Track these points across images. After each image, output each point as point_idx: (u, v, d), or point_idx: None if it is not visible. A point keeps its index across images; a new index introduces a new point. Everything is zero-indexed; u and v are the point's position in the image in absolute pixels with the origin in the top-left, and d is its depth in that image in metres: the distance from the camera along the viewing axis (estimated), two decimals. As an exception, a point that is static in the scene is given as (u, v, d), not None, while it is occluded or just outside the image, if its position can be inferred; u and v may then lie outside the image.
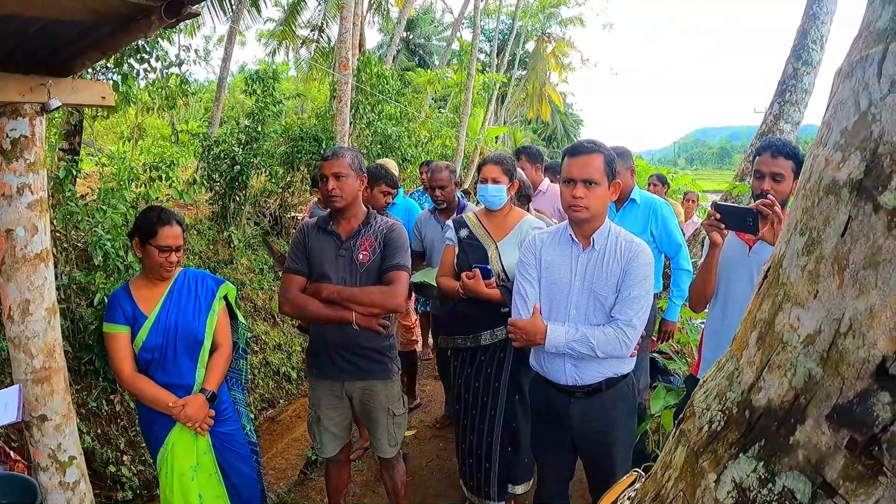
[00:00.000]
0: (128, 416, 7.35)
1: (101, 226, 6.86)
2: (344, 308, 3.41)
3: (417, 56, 37.69)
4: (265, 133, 10.37)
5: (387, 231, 3.52)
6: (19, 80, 2.71)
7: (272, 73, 11.12)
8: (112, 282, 6.89)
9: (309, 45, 26.72)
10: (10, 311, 2.78)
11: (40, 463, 3.01)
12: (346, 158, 3.45)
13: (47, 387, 2.86)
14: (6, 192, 2.70)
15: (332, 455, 3.84)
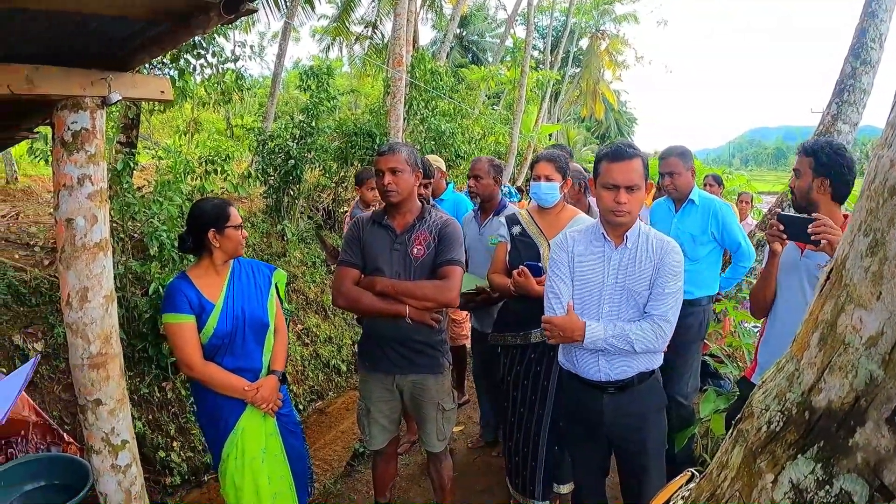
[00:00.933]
0: (178, 403, 7.50)
1: (157, 217, 7.02)
2: (397, 302, 3.43)
3: (471, 53, 37.70)
4: (319, 128, 10.47)
5: (441, 226, 3.53)
6: (81, 75, 2.79)
7: (327, 68, 11.21)
8: (167, 272, 7.03)
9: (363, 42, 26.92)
10: (68, 298, 2.87)
11: (93, 446, 3.09)
12: (403, 153, 3.47)
13: (103, 372, 2.94)
14: (67, 182, 2.79)
15: (381, 447, 3.87)
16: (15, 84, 2.59)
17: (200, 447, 7.54)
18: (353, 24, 26.00)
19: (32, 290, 7.65)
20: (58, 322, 7.36)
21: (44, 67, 2.67)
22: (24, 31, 2.39)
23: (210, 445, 3.53)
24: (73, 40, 2.59)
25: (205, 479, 7.55)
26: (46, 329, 7.28)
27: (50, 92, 2.71)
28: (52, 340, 7.20)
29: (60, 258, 2.87)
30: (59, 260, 2.88)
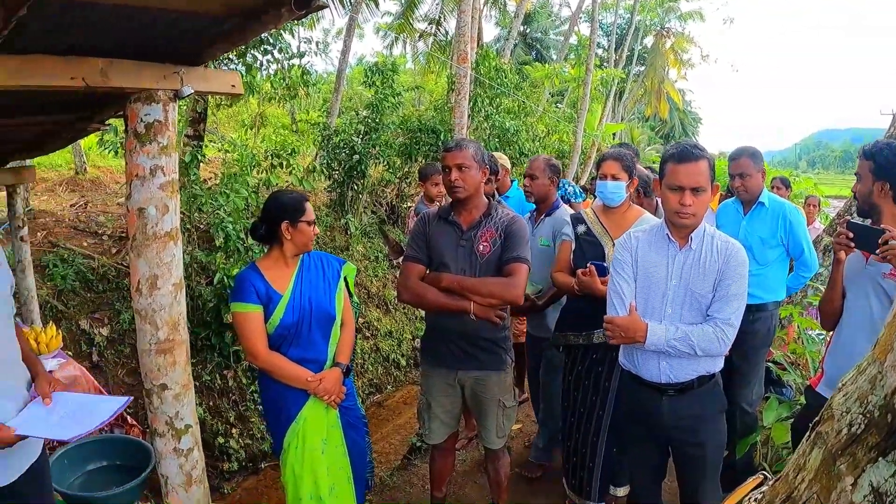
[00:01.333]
0: (239, 391, 7.66)
1: (224, 209, 7.17)
2: (462, 298, 3.44)
3: (535, 50, 37.53)
4: (384, 124, 10.56)
5: (508, 223, 3.53)
6: (154, 69, 2.86)
7: (391, 65, 11.30)
8: (232, 263, 7.18)
9: (426, 39, 26.99)
10: (138, 285, 2.95)
11: (157, 429, 3.17)
12: (470, 150, 3.48)
13: (169, 357, 3.02)
14: (139, 173, 2.87)
15: (439, 442, 3.90)
16: (90, 77, 2.67)
17: (259, 435, 7.69)
18: (416, 21, 26.11)
19: (100, 277, 7.87)
20: (124, 308, 7.58)
21: (118, 61, 2.74)
22: (100, 26, 2.45)
23: (272, 434, 3.60)
24: (146, 35, 2.65)
25: (261, 467, 7.70)
26: (112, 315, 7.49)
27: (123, 85, 2.78)
28: (117, 326, 7.41)
29: (131, 246, 2.95)
30: (130, 248, 2.96)
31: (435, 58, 24.52)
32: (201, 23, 2.64)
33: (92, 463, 3.69)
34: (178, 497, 3.25)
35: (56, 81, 2.62)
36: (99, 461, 3.71)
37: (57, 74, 2.61)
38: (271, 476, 7.61)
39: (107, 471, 3.68)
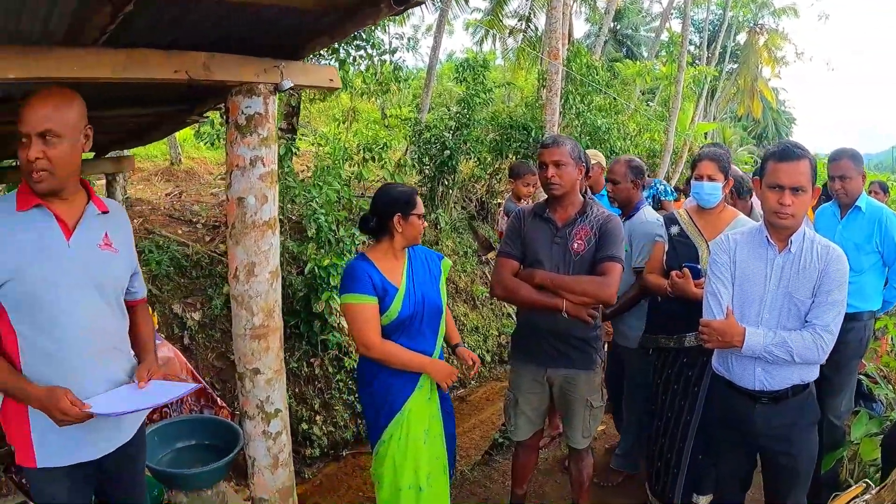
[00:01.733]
0: (325, 379, 7.81)
1: (316, 201, 7.32)
2: (555, 295, 3.43)
3: (625, 47, 36.95)
4: (475, 120, 10.58)
5: (603, 222, 3.51)
6: (254, 62, 2.94)
7: (482, 61, 11.32)
8: (322, 254, 7.32)
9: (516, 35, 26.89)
10: (236, 272, 3.04)
11: (248, 412, 3.24)
12: (567, 147, 3.48)
13: (263, 343, 3.10)
14: (240, 163, 2.95)
15: (524, 439, 3.90)
16: (193, 70, 2.76)
17: (342, 423, 7.83)
18: (506, 18, 26.02)
19: (193, 263, 8.14)
20: (215, 294, 7.82)
21: (220, 55, 2.83)
22: (201, 22, 2.54)
23: (371, 426, 3.62)
24: (246, 30, 2.72)
25: (342, 454, 7.84)
26: (205, 300, 7.74)
27: (225, 78, 2.87)
28: (209, 311, 7.66)
29: (230, 234, 3.04)
30: (229, 236, 3.05)
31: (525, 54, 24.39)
32: (301, 18, 2.70)
33: (181, 441, 3.81)
34: (263, 479, 3.33)
35: (160, 74, 2.72)
36: (188, 440, 3.83)
37: (161, 68, 2.71)
38: (351, 464, 7.75)
39: (195, 449, 3.79)
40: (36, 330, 2.26)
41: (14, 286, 2.20)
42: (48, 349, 2.27)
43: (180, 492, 3.46)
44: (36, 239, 2.24)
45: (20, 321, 2.26)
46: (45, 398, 2.18)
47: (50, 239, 2.27)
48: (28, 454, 2.34)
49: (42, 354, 2.27)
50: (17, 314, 2.26)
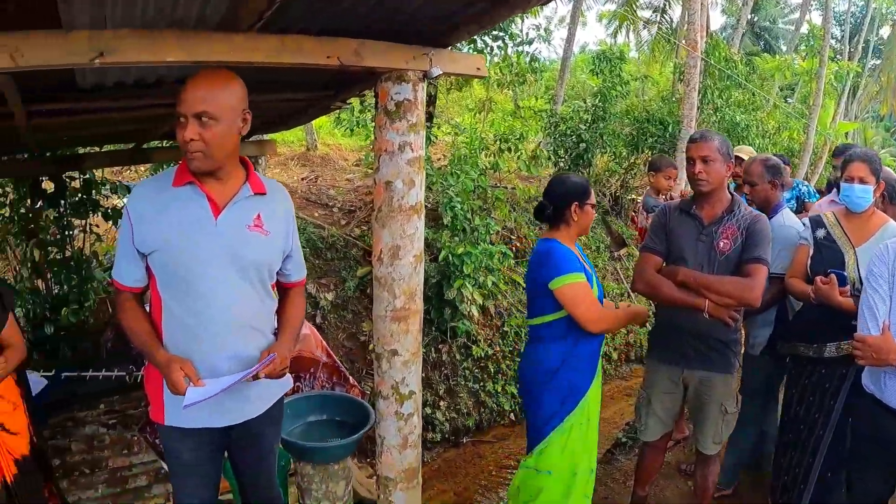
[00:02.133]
0: (452, 366, 7.91)
1: (453, 189, 7.39)
2: (697, 294, 3.34)
3: (762, 40, 35.42)
4: (610, 113, 10.43)
5: (751, 221, 3.39)
6: (404, 49, 2.99)
7: (619, 53, 11.13)
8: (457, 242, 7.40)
9: (650, 27, 26.28)
10: (380, 254, 3.12)
11: (382, 391, 3.34)
12: (715, 142, 3.38)
13: (403, 325, 3.17)
14: (388, 148, 3.02)
15: (653, 440, 3.82)
16: (345, 56, 2.83)
17: (465, 410, 7.92)
18: (640, 9, 25.48)
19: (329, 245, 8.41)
20: (349, 277, 8.05)
21: (370, 42, 2.89)
22: (354, 8, 2.59)
23: (547, 415, 3.55)
24: (396, 17, 2.76)
25: (463, 441, 7.93)
26: (338, 282, 7.99)
27: (375, 65, 2.93)
28: (342, 292, 7.90)
29: (376, 217, 3.12)
30: (375, 219, 3.13)
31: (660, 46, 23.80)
32: (450, 5, 2.73)
33: (313, 415, 3.91)
34: (391, 457, 3.40)
35: (313, 60, 2.80)
36: (319, 414, 3.93)
37: (314, 53, 2.79)
38: (471, 451, 7.82)
39: (325, 424, 3.89)
40: (176, 300, 2.35)
41: (160, 257, 2.30)
42: (185, 320, 2.36)
43: (308, 464, 3.56)
44: (185, 215, 2.31)
45: (164, 289, 2.37)
46: (163, 365, 2.27)
47: (198, 216, 2.33)
48: (159, 411, 2.47)
49: (179, 324, 2.37)
50: (162, 282, 2.36)
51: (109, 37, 2.36)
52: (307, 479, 3.57)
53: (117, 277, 2.42)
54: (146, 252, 2.32)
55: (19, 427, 3.13)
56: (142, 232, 2.29)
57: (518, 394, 3.91)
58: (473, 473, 7.36)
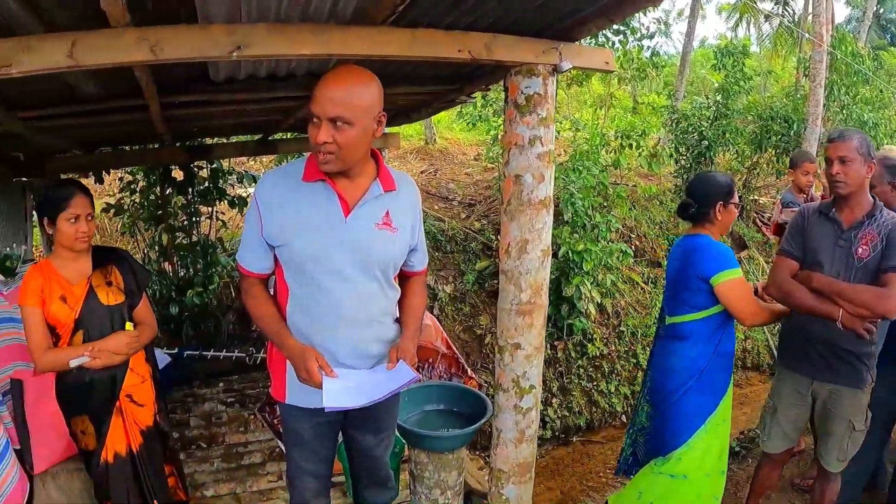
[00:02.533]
0: (566, 363, 7.87)
1: (574, 185, 7.34)
2: (831, 303, 3.17)
3: (889, 33, 33.42)
4: (733, 110, 10.12)
5: (892, 227, 3.16)
6: (533, 43, 2.99)
7: (742, 47, 10.77)
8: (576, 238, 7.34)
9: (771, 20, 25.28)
10: (508, 247, 3.13)
11: (502, 384, 3.35)
12: (853, 141, 3.18)
13: (528, 319, 3.17)
14: (518, 142, 3.02)
15: (774, 453, 3.68)
16: (475, 50, 2.85)
17: (577, 409, 7.86)
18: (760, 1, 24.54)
19: (448, 238, 8.49)
20: (468, 270, 8.10)
21: (500, 36, 2.90)
22: (483, 2, 2.60)
23: (693, 416, 3.52)
24: (524, 10, 2.75)
25: (572, 440, 7.86)
26: (457, 274, 8.05)
27: (505, 59, 2.94)
28: (460, 285, 7.96)
29: (505, 210, 3.13)
30: (504, 212, 3.14)
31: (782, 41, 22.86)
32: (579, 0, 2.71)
33: (430, 404, 3.94)
34: (506, 451, 3.41)
35: (444, 53, 2.83)
36: (437, 404, 3.96)
37: (445, 47, 2.82)
38: (580, 451, 7.75)
39: (442, 414, 3.92)
40: (302, 290, 2.38)
41: (287, 251, 2.32)
42: (310, 310, 2.39)
43: (423, 451, 3.59)
44: (315, 212, 2.30)
45: (293, 282, 2.40)
46: (296, 355, 2.31)
47: (328, 214, 2.30)
48: (281, 390, 2.55)
49: (305, 312, 2.40)
50: (289, 273, 2.40)
51: (246, 31, 2.45)
52: (420, 466, 3.61)
53: (243, 263, 2.46)
54: (274, 245, 2.35)
55: (146, 399, 3.30)
56: (270, 224, 2.32)
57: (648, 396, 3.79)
58: (581, 473, 7.29)
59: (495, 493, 3.54)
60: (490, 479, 3.62)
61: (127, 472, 3.20)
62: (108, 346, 3.02)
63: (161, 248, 7.40)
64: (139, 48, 2.34)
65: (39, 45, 2.27)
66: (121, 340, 3.05)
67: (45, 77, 2.63)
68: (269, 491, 4.22)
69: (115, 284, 3.16)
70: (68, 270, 3.07)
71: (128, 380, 3.18)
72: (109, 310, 3.10)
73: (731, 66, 10.54)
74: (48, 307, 2.96)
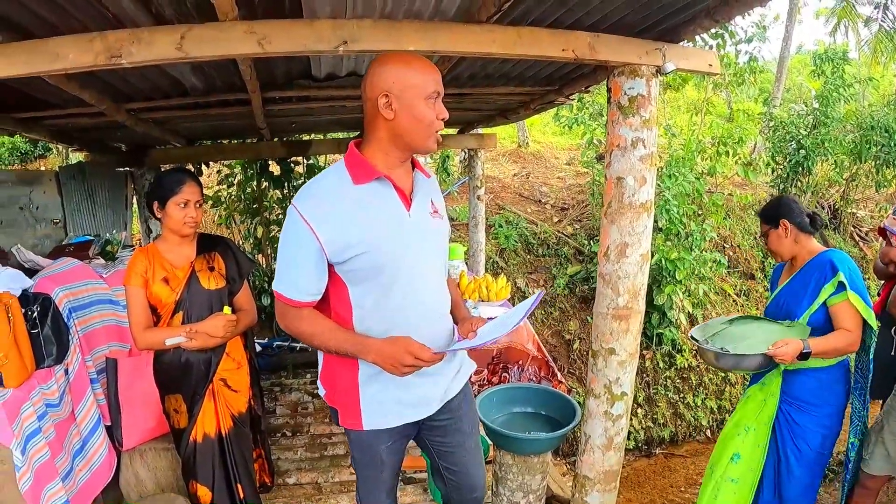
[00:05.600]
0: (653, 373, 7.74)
1: (669, 191, 7.21)
2: None
3: None
4: (832, 118, 9.77)
5: None
6: (636, 44, 2.94)
7: (842, 53, 10.40)
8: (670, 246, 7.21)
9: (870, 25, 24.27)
10: (607, 250, 3.08)
11: (594, 389, 3.31)
12: None
13: (623, 324, 3.12)
14: (621, 143, 2.98)
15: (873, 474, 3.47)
16: (579, 50, 2.82)
17: (661, 421, 7.72)
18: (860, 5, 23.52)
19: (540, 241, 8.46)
20: (559, 274, 8.04)
21: (604, 35, 2.87)
22: (586, 2, 2.58)
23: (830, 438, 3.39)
24: (629, 10, 2.72)
25: (654, 452, 7.71)
26: (548, 278, 8.02)
27: (609, 59, 2.90)
28: (550, 289, 7.91)
29: (605, 213, 3.09)
30: (604, 214, 3.10)
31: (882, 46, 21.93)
32: (686, 0, 2.65)
33: (517, 406, 3.91)
34: (592, 457, 3.37)
35: (548, 52, 2.81)
36: (524, 406, 3.93)
37: (549, 46, 2.80)
38: (662, 463, 7.60)
39: (529, 416, 3.88)
40: (374, 299, 2.22)
41: (366, 259, 2.13)
42: (384, 319, 2.23)
43: (508, 453, 3.56)
44: (381, 213, 2.16)
45: (363, 294, 2.23)
46: (388, 346, 2.13)
47: (393, 212, 2.19)
48: (356, 417, 2.37)
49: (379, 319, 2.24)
50: (361, 287, 2.22)
51: (352, 26, 2.48)
52: (505, 468, 3.59)
53: (292, 293, 2.22)
54: (342, 260, 2.14)
55: (241, 385, 3.38)
56: (333, 238, 2.11)
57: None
58: (661, 487, 7.15)
59: (578, 500, 3.50)
60: (574, 485, 3.58)
61: (214, 453, 3.29)
62: (206, 329, 3.10)
63: (256, 240, 7.59)
64: (247, 41, 2.40)
65: (150, 37, 2.34)
66: (218, 323, 3.13)
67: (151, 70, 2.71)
68: (350, 483, 4.26)
69: (217, 270, 3.25)
70: (173, 255, 3.19)
71: (223, 364, 3.28)
72: (209, 294, 3.20)
73: (830, 73, 10.20)
74: (150, 288, 3.08)
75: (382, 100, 2.06)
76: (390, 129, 2.11)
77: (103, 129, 4.91)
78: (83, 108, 3.81)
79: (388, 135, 2.13)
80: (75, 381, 3.43)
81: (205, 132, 6.12)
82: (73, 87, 3.08)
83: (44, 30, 2.38)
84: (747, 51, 9.39)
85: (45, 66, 2.34)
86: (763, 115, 10.87)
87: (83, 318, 3.62)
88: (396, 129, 2.10)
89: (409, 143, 2.14)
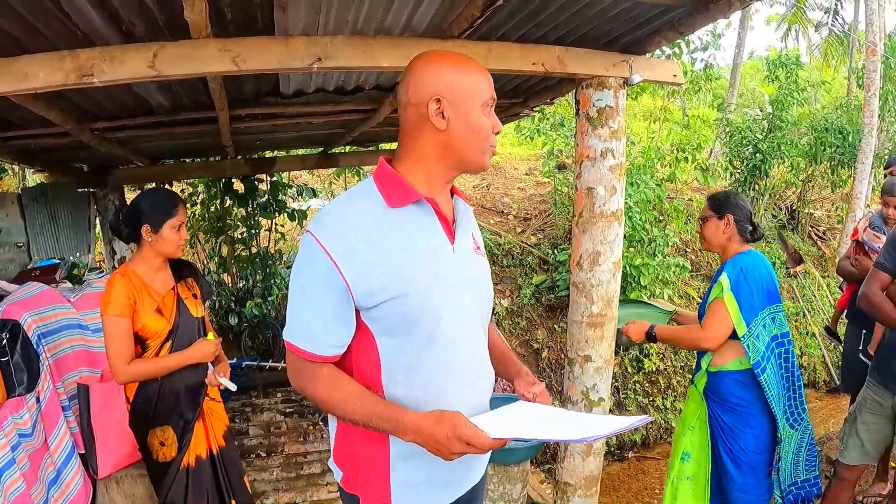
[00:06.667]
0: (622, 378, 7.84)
1: (631, 198, 7.30)
2: None
3: (943, 41, 32.62)
4: (787, 122, 9.98)
5: None
6: (604, 56, 3.01)
7: (795, 58, 10.64)
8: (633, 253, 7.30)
9: (820, 30, 24.85)
10: (579, 259, 3.14)
11: (571, 396, 3.35)
12: None
13: (598, 332, 3.17)
14: (590, 154, 3.04)
15: (848, 464, 3.58)
16: (549, 63, 2.88)
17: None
18: (810, 10, 24.08)
19: (505, 252, 8.50)
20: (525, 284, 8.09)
21: (572, 49, 2.93)
22: (557, 14, 2.62)
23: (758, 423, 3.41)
24: (595, 24, 2.77)
25: (627, 456, 7.80)
26: (514, 289, 8.06)
27: (578, 71, 2.96)
28: (517, 299, 7.96)
29: (576, 223, 3.14)
30: (575, 224, 3.15)
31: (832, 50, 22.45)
32: (650, 13, 2.72)
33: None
34: (573, 463, 3.41)
35: (518, 66, 2.87)
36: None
37: (520, 60, 2.86)
38: (635, 467, 7.68)
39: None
40: (406, 357, 1.75)
41: (402, 303, 1.67)
42: (422, 375, 1.76)
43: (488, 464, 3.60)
44: (422, 246, 1.73)
45: (396, 349, 1.75)
46: (431, 425, 1.61)
47: (436, 246, 1.76)
48: (385, 496, 1.85)
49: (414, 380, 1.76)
50: (394, 340, 1.74)
51: (326, 43, 2.51)
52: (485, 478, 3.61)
53: (306, 345, 1.73)
54: (372, 305, 1.68)
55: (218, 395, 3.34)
56: (363, 278, 1.65)
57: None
58: (636, 489, 7.22)
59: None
60: (555, 492, 3.61)
61: (207, 474, 3.23)
62: (199, 356, 3.07)
63: (221, 259, 7.53)
64: (221, 59, 2.40)
65: (122, 56, 2.32)
66: (209, 349, 3.10)
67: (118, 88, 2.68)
68: (328, 501, 4.26)
69: (198, 297, 3.22)
70: (157, 282, 3.07)
71: (207, 384, 3.26)
72: (196, 322, 3.16)
73: (784, 78, 10.42)
74: (140, 318, 2.94)
75: (433, 105, 1.66)
76: (440, 142, 1.71)
77: (66, 149, 4.83)
78: (47, 128, 3.72)
79: (436, 148, 1.72)
80: (47, 408, 3.37)
81: (169, 150, 6.07)
82: (39, 106, 2.95)
83: (13, 49, 2.31)
84: (703, 59, 9.57)
85: (13, 85, 2.29)
86: (719, 120, 11.09)
87: (52, 343, 3.56)
88: (448, 141, 1.70)
89: (462, 159, 1.75)
